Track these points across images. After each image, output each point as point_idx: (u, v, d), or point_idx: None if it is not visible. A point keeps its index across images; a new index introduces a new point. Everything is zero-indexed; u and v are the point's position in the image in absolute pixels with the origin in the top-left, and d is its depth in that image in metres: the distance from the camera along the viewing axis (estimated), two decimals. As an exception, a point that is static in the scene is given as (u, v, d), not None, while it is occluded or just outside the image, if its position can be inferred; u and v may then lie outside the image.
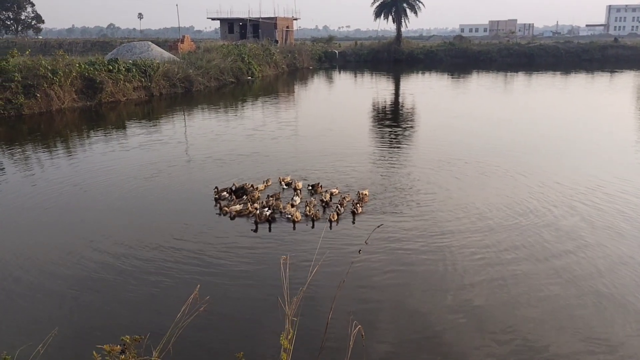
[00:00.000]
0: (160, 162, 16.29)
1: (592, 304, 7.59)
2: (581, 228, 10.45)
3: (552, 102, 29.43)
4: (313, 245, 9.63)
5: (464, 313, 7.42)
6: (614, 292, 7.88)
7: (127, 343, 2.84)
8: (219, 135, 20.66)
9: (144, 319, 7.46)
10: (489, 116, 24.99)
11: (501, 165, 15.18)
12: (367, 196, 12.04)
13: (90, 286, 8.41)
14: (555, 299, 7.77)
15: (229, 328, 7.31)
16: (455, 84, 39.30)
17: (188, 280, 8.52)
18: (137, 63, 32.13)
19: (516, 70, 47.94)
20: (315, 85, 42.62)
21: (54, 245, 10.14)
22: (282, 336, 3.29)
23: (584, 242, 9.77)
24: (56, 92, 26.45)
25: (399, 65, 58.79)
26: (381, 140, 19.99)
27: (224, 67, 39.02)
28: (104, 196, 13.02)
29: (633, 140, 19.06)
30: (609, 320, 7.14)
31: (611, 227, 10.48)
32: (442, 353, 6.45)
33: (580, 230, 10.32)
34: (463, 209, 11.50)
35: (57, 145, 19.24)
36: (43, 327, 7.06)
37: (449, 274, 8.57)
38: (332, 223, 10.69)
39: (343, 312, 6.85)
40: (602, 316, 7.26)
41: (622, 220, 10.82)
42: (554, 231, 10.30)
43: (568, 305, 7.58)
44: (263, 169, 15.39)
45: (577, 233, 10.19)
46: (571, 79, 41.17)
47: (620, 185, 13.04)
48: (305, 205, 11.38)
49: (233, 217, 11.26)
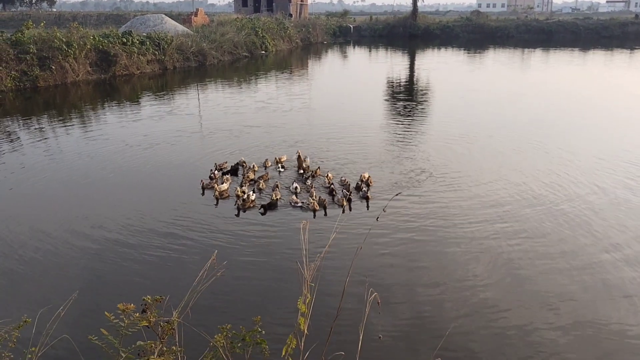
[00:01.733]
0: (176, 133, 16.37)
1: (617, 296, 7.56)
2: (605, 206, 10.37)
3: (570, 79, 28.95)
4: (330, 218, 9.74)
5: (476, 289, 7.44)
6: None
7: (149, 303, 2.88)
8: (235, 108, 20.65)
9: (162, 284, 7.59)
10: (504, 92, 24.66)
11: (517, 140, 15.05)
12: (370, 179, 11.42)
13: (109, 253, 8.55)
14: (571, 276, 7.76)
15: (246, 293, 7.43)
16: (471, 60, 38.75)
17: (205, 247, 8.64)
18: (150, 36, 32.02)
19: (534, 47, 47.12)
20: (329, 60, 42.27)
21: (71, 214, 10.28)
22: (299, 300, 3.30)
23: (607, 222, 9.71)
24: (71, 65, 26.49)
25: (415, 40, 58.01)
26: (394, 114, 19.85)
27: (238, 41, 38.76)
28: (120, 167, 13.13)
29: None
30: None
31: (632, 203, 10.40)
32: (451, 327, 6.47)
33: (604, 210, 10.25)
34: (479, 184, 11.44)
35: (73, 118, 19.35)
36: (63, 292, 7.20)
37: (463, 250, 8.56)
38: (344, 208, 10.20)
39: (359, 280, 6.89)
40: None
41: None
42: (572, 207, 10.24)
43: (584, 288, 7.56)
44: (272, 140, 15.47)
45: (599, 210, 10.12)
46: (590, 56, 40.43)
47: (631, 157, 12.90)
48: (308, 193, 10.69)
49: (217, 198, 10.73)
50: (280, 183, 11.33)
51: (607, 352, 6.02)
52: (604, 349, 6.07)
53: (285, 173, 12.41)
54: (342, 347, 3.91)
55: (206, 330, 3.73)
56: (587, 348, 6.09)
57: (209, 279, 3.81)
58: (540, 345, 6.12)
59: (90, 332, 3.28)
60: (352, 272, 7.59)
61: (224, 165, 12.74)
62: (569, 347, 6.08)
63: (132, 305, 2.72)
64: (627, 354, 6.00)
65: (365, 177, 11.39)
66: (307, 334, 3.22)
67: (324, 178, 11.64)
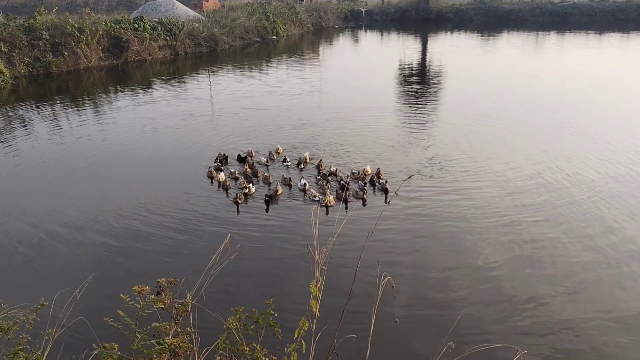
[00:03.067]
0: (187, 117, 16.44)
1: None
2: (617, 190, 10.29)
3: (585, 63, 28.52)
4: (341, 207, 9.77)
5: (488, 274, 7.44)
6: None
7: (163, 285, 2.92)
8: (244, 92, 20.63)
9: (176, 267, 7.69)
10: (517, 76, 24.35)
11: (531, 125, 14.93)
12: (381, 172, 11.03)
13: (124, 237, 8.67)
14: (577, 263, 7.74)
15: (259, 276, 7.54)
16: (485, 44, 38.27)
17: (218, 232, 8.74)
18: (162, 21, 31.98)
19: (548, 30, 46.40)
20: (340, 45, 41.98)
21: (86, 198, 10.40)
22: (311, 284, 3.32)
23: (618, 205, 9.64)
24: (83, 51, 26.57)
25: (427, 24, 57.34)
26: (406, 98, 19.73)
27: (249, 26, 38.59)
28: (132, 151, 13.24)
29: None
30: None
31: None
32: (463, 312, 6.49)
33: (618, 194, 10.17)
34: (492, 170, 11.39)
35: (86, 103, 19.46)
36: (78, 275, 7.31)
37: (475, 237, 8.55)
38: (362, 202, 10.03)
39: (372, 265, 6.92)
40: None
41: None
42: (586, 194, 10.17)
43: (595, 276, 7.54)
44: (279, 123, 15.54)
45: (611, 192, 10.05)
46: (605, 39, 39.74)
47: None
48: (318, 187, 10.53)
49: (219, 186, 10.72)
50: (285, 176, 10.91)
51: (620, 331, 6.03)
52: (618, 330, 6.07)
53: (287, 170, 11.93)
54: (354, 331, 3.94)
55: (220, 313, 3.77)
56: (602, 330, 6.10)
57: (222, 262, 3.85)
58: (552, 331, 6.14)
59: (106, 315, 3.33)
60: (365, 257, 7.60)
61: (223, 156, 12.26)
62: (583, 332, 6.09)
63: (147, 287, 2.76)
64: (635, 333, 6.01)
65: (368, 172, 11.17)
66: (319, 317, 3.26)
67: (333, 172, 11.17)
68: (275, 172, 11.54)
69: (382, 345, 5.79)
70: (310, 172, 11.52)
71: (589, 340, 5.95)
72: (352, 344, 3.94)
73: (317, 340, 3.36)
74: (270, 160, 12.22)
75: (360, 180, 10.67)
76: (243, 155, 12.31)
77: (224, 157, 12.14)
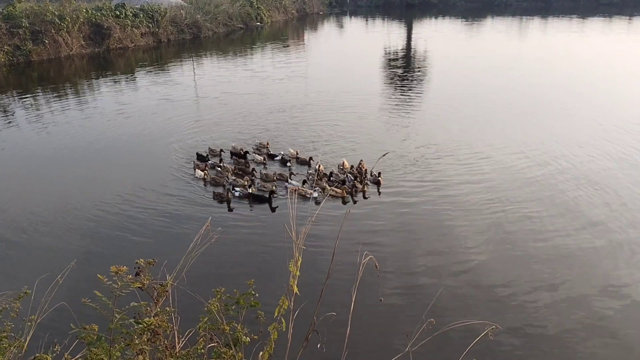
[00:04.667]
0: (168, 104, 16.31)
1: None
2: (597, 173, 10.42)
3: (567, 46, 28.67)
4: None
5: (466, 254, 7.54)
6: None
7: (142, 266, 2.92)
8: (228, 78, 20.49)
9: (158, 250, 7.71)
10: (500, 60, 24.44)
11: (512, 108, 15.02)
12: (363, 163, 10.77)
13: (105, 223, 8.65)
14: (559, 240, 7.86)
15: (240, 257, 7.61)
16: (469, 29, 38.31)
17: (199, 215, 8.76)
18: (144, 8, 31.57)
19: (532, 15, 46.54)
20: (325, 31, 41.81)
21: (67, 186, 10.33)
22: (290, 263, 3.34)
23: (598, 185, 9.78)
24: (64, 38, 26.19)
25: (412, 10, 57.23)
26: (390, 83, 19.73)
27: (233, 13, 38.26)
28: (113, 138, 13.15)
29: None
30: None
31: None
32: (441, 289, 6.58)
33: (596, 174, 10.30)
34: (473, 155, 11.47)
35: (68, 92, 19.22)
36: (61, 261, 7.28)
37: (455, 220, 8.64)
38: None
39: (354, 246, 6.98)
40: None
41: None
42: (564, 175, 10.30)
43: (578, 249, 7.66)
44: (259, 108, 15.47)
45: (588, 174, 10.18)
46: (588, 23, 39.96)
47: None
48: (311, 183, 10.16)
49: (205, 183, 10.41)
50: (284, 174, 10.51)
51: (592, 308, 6.15)
52: (584, 305, 6.20)
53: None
54: (335, 309, 3.98)
55: (201, 294, 3.78)
56: (570, 306, 6.24)
57: (203, 244, 3.86)
58: (524, 301, 6.29)
59: (87, 298, 3.34)
60: (347, 239, 7.69)
61: (216, 151, 11.85)
62: (553, 308, 6.23)
63: (124, 267, 2.76)
64: (611, 308, 6.14)
65: (347, 166, 10.80)
66: (298, 295, 3.28)
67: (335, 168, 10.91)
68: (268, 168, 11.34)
69: (363, 322, 5.88)
70: (299, 169, 11.28)
71: (558, 316, 6.10)
72: (333, 322, 3.98)
73: (298, 318, 3.39)
74: (259, 154, 11.77)
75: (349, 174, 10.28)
76: (242, 152, 11.76)
77: (219, 152, 11.73)
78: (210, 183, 10.30)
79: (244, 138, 12.87)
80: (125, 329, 2.77)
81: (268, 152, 11.88)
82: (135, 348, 2.78)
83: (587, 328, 5.93)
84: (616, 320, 6.05)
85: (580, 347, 5.63)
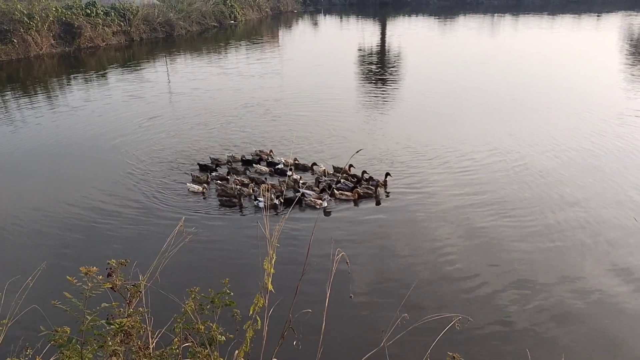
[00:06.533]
0: (139, 103, 16.13)
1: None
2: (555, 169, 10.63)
3: (537, 43, 29.11)
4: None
5: (439, 249, 7.64)
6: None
7: (114, 266, 2.89)
8: (201, 75, 20.35)
9: (131, 251, 7.63)
10: (472, 57, 24.72)
11: (483, 105, 15.22)
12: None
13: (76, 225, 8.53)
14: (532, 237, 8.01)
15: (214, 257, 7.58)
16: (442, 26, 38.65)
17: (173, 216, 8.69)
18: (115, 7, 31.13)
19: (503, 12, 47.15)
20: (300, 29, 41.75)
21: (37, 188, 10.14)
22: (265, 261, 3.34)
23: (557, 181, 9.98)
24: (33, 38, 25.69)
25: (385, 8, 57.47)
26: (364, 80, 19.81)
27: (206, 11, 37.94)
28: (84, 138, 12.97)
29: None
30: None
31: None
32: (415, 282, 6.66)
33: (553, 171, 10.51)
34: (445, 152, 11.58)
35: (38, 92, 18.85)
36: (31, 263, 7.15)
37: (428, 216, 8.74)
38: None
39: (329, 244, 7.00)
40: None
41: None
42: (534, 171, 10.48)
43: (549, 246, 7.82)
44: (231, 103, 15.41)
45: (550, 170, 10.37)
46: (558, 20, 40.65)
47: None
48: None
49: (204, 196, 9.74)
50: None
51: (561, 300, 6.29)
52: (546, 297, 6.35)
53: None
54: (310, 306, 4.00)
55: (175, 295, 3.76)
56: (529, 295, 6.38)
57: (177, 244, 3.83)
58: (496, 294, 6.42)
59: (58, 300, 3.29)
60: (321, 237, 7.72)
61: (220, 160, 11.20)
62: (519, 296, 6.36)
63: (94, 268, 2.73)
64: (578, 299, 6.29)
65: (322, 171, 10.39)
66: (274, 293, 3.29)
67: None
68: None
69: (338, 318, 5.92)
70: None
71: (528, 307, 6.23)
72: (308, 319, 3.99)
73: (273, 316, 3.39)
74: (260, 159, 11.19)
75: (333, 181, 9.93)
76: (255, 158, 11.22)
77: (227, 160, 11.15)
78: (221, 196, 9.47)
79: (220, 137, 12.79)
80: (97, 330, 2.74)
81: (268, 160, 11.20)
82: (108, 349, 2.75)
83: (555, 318, 6.09)
84: (583, 310, 6.22)
85: (548, 336, 5.78)
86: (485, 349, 5.66)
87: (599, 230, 8.05)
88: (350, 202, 9.18)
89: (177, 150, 11.92)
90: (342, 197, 9.28)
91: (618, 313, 6.18)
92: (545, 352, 5.56)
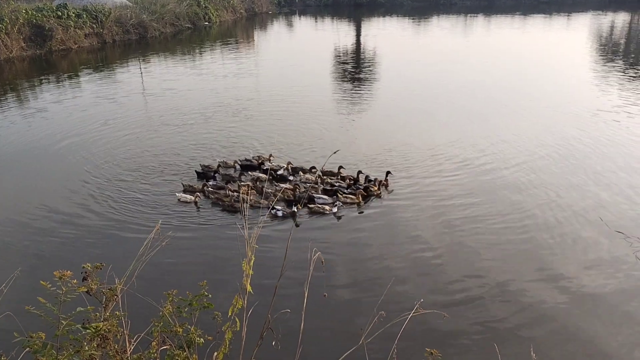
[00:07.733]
0: (115, 105, 15.94)
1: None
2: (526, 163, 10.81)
3: (509, 42, 29.57)
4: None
5: (416, 247, 7.72)
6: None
7: (89, 270, 2.86)
8: (175, 76, 20.20)
9: (107, 255, 7.54)
10: (445, 57, 25.01)
11: (455, 105, 15.41)
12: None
13: (50, 230, 8.40)
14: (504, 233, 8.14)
15: (192, 259, 7.51)
16: (416, 27, 38.98)
17: (149, 218, 8.62)
18: (87, 8, 30.68)
19: (476, 13, 47.75)
20: (275, 30, 41.70)
21: (8, 193, 9.96)
22: (243, 262, 3.34)
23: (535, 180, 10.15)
24: (3, 40, 25.20)
25: (360, 9, 57.71)
26: (340, 80, 19.88)
27: (180, 12, 37.62)
28: (56, 142, 12.74)
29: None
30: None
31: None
32: (392, 280, 6.71)
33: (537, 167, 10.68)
34: (423, 150, 11.69)
35: (8, 96, 18.49)
36: (5, 270, 7.03)
37: (405, 215, 8.82)
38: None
39: (305, 244, 7.02)
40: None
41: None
42: (511, 170, 10.64)
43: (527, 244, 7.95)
44: (200, 104, 15.35)
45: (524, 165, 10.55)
46: (529, 20, 41.31)
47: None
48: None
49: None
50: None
51: (538, 298, 6.41)
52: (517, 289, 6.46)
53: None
54: (288, 305, 4.01)
55: (153, 298, 3.74)
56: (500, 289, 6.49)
57: (154, 248, 3.81)
58: (473, 291, 6.51)
59: (32, 306, 3.24)
60: (299, 238, 7.73)
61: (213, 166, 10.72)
62: (497, 293, 6.47)
63: (68, 272, 2.70)
64: (556, 298, 6.42)
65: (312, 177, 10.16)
66: (252, 294, 3.29)
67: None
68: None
69: (317, 318, 5.93)
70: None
71: (505, 305, 6.33)
72: (287, 319, 4.01)
73: (252, 317, 3.40)
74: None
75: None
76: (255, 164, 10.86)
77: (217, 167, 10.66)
78: (224, 205, 9.11)
79: (195, 138, 12.71)
80: (73, 335, 2.71)
81: (266, 165, 10.77)
82: (84, 354, 2.72)
83: (533, 317, 6.18)
84: (561, 309, 6.32)
85: (525, 335, 5.86)
86: (461, 343, 5.73)
87: (575, 230, 8.18)
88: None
89: (155, 154, 11.81)
90: (347, 201, 9.14)
91: (591, 309, 6.32)
92: (515, 347, 5.65)
